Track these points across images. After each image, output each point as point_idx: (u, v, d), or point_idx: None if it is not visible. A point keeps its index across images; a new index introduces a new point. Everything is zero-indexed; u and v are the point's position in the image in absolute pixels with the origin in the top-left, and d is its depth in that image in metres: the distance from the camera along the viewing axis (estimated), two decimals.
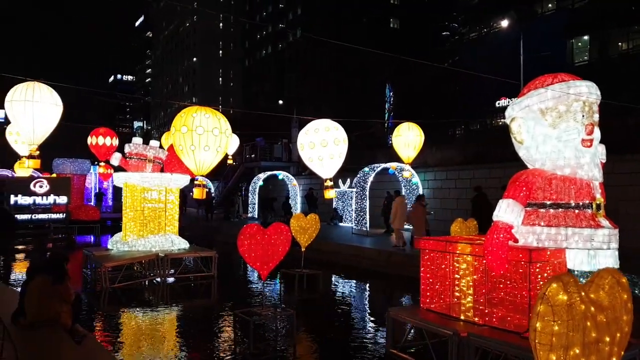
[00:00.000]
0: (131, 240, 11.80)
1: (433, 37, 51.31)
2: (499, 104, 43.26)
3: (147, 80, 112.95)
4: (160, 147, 13.09)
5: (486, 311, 5.97)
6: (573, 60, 34.67)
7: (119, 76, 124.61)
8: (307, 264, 11.41)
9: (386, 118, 42.93)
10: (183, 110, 9.55)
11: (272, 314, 7.04)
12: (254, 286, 11.59)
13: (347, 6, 47.39)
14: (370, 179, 17.74)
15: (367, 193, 17.68)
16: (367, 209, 17.66)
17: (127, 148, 12.41)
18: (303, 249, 10.92)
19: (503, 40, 38.03)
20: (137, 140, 12.54)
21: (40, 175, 21.74)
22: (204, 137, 9.05)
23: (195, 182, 9.76)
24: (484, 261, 5.89)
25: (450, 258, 6.58)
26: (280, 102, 47.88)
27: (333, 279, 12.62)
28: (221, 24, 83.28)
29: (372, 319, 8.77)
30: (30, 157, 8.98)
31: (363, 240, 15.69)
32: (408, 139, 13.99)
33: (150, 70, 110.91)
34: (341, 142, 9.75)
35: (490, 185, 17.05)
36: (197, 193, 9.57)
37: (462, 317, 6.19)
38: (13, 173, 21.82)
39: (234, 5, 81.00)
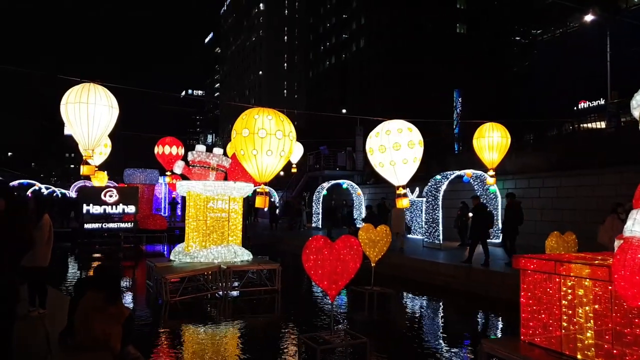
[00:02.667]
0: (193, 251, 11.41)
1: (503, 40, 48.71)
2: (580, 107, 40.08)
3: (215, 95, 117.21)
4: (225, 154, 12.70)
5: (614, 352, 4.71)
6: None
7: (189, 91, 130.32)
8: (376, 280, 10.43)
9: (454, 125, 41.11)
10: (244, 112, 8.97)
11: (341, 341, 6.14)
12: (319, 304, 10.75)
13: (411, 13, 46.15)
14: (443, 187, 16.44)
15: (440, 203, 16.38)
16: (440, 220, 16.35)
17: (190, 156, 12.12)
18: (373, 264, 9.95)
19: (582, 40, 35.19)
20: (201, 148, 12.21)
21: (115, 185, 22.45)
22: (267, 140, 8.40)
23: (257, 190, 9.11)
24: (610, 287, 4.67)
25: (561, 282, 5.36)
26: (344, 110, 47.29)
27: (406, 297, 11.51)
28: (286, 37, 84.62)
29: (455, 350, 7.60)
30: (85, 163, 8.72)
31: (436, 254, 14.42)
32: (492, 140, 12.58)
33: (218, 84, 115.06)
34: (416, 144, 8.72)
35: (581, 194, 15.23)
36: (259, 202, 8.91)
37: (578, 356, 4.96)
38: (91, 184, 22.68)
39: (298, 18, 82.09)
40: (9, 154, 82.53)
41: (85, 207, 16.73)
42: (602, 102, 37.91)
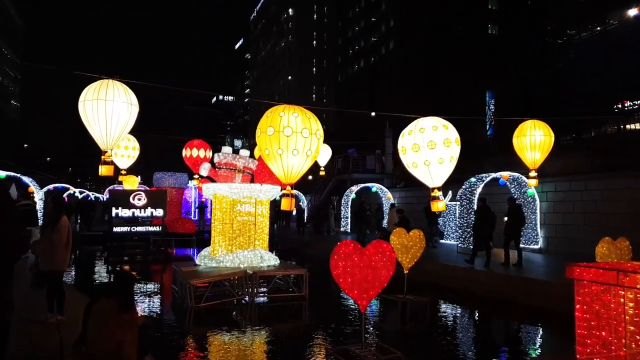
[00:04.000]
0: (219, 255, 11.11)
1: (537, 41, 47.20)
2: (621, 106, 38.28)
3: (245, 100, 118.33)
4: (251, 156, 12.40)
5: None
6: None
7: (220, 97, 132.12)
8: (409, 288, 9.85)
9: (487, 127, 39.97)
10: (269, 109, 8.59)
11: (373, 357, 5.63)
12: (349, 312, 10.26)
13: (441, 15, 45.31)
14: (479, 190, 15.71)
15: (475, 207, 15.63)
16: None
17: (216, 158, 11.86)
18: (406, 271, 9.39)
19: (621, 38, 33.63)
20: (227, 149, 11.94)
21: (147, 188, 22.56)
22: (292, 139, 7.98)
23: (283, 192, 8.69)
24: None
25: (626, 295, 4.73)
26: (373, 113, 46.68)
27: (441, 306, 10.88)
28: (315, 42, 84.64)
29: None
30: (104, 162, 8.45)
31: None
32: (534, 139, 11.79)
33: (248, 90, 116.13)
34: (452, 142, 8.12)
35: (631, 198, 14.21)
36: (285, 204, 8.50)
37: None
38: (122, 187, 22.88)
39: (327, 23, 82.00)
40: (48, 159, 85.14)
41: (114, 211, 16.76)
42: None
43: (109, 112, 8.04)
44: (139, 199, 16.98)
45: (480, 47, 43.39)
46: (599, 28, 42.70)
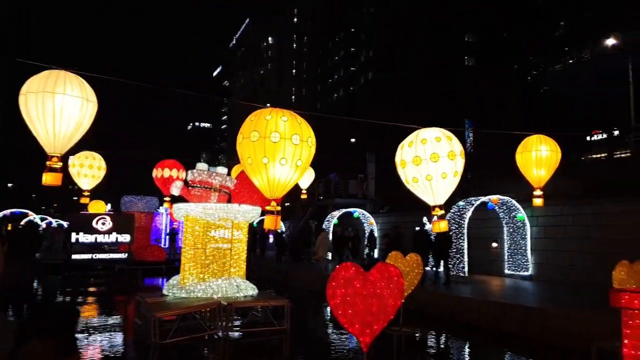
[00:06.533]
0: (190, 284, 9.87)
1: (512, 72, 48.21)
2: (593, 138, 38.90)
3: (222, 127, 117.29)
4: (228, 174, 11.32)
5: None
6: None
7: (197, 123, 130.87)
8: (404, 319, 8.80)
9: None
10: (254, 112, 7.54)
11: None
12: (336, 347, 9.09)
13: (420, 46, 46.03)
14: (468, 214, 14.93)
15: (465, 232, 14.84)
16: (465, 251, 14.76)
17: (189, 175, 10.74)
18: (402, 300, 8.35)
19: (594, 72, 34.44)
20: (202, 166, 10.84)
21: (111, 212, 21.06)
22: (280, 146, 6.91)
23: (267, 208, 7.58)
24: None
25: None
26: (353, 140, 46.38)
27: (439, 339, 9.83)
28: (294, 70, 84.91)
29: None
30: (50, 169, 7.05)
31: (462, 289, 12.77)
32: (540, 154, 11.06)
33: (225, 117, 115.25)
34: (457, 155, 7.26)
35: (626, 222, 13.54)
36: (269, 222, 7.39)
37: None
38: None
39: (307, 52, 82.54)
40: (9, 184, 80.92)
41: (74, 236, 15.24)
42: (617, 132, 36.88)
43: (57, 107, 6.79)
44: (103, 224, 15.56)
45: (457, 78, 43.94)
46: (571, 61, 43.90)
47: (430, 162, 7.11)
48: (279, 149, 6.91)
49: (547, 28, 44.54)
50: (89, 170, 14.34)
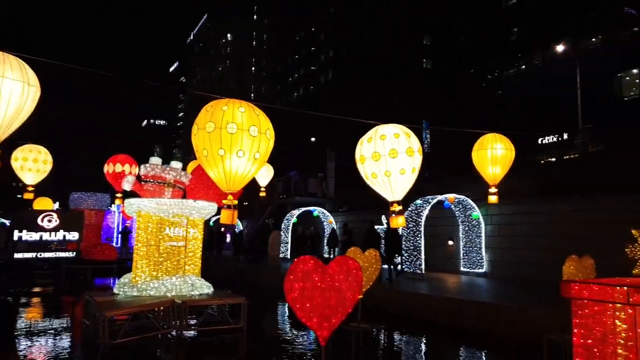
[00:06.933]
0: (142, 282, 9.48)
1: (468, 76, 49.70)
2: (543, 141, 40.64)
3: (178, 124, 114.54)
4: (184, 170, 10.96)
5: None
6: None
7: (151, 120, 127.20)
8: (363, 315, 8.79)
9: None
10: (210, 103, 7.28)
11: None
12: (293, 345, 8.97)
13: (379, 47, 46.68)
14: (425, 212, 15.16)
15: (422, 229, 15.06)
16: (422, 249, 14.98)
17: (142, 170, 10.33)
18: (360, 295, 8.32)
19: (545, 76, 35.94)
20: (156, 160, 10.44)
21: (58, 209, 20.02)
22: (238, 137, 6.70)
23: (223, 202, 7.34)
24: None
25: (637, 314, 3.95)
26: (313, 139, 46.38)
27: (395, 335, 9.88)
28: (253, 68, 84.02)
29: None
30: None
31: (419, 286, 12.93)
32: (495, 152, 11.33)
33: (182, 114, 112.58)
34: (415, 152, 7.32)
35: (578, 221, 14.08)
36: (225, 216, 7.17)
37: None
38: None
39: (266, 50, 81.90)
40: None
41: (17, 234, 14.35)
42: (566, 136, 38.69)
43: None
44: (49, 221, 14.74)
45: (415, 80, 44.80)
46: (523, 67, 45.65)
47: (389, 158, 7.13)
48: (236, 141, 6.70)
49: (503, 34, 46.11)
50: (33, 165, 13.50)
